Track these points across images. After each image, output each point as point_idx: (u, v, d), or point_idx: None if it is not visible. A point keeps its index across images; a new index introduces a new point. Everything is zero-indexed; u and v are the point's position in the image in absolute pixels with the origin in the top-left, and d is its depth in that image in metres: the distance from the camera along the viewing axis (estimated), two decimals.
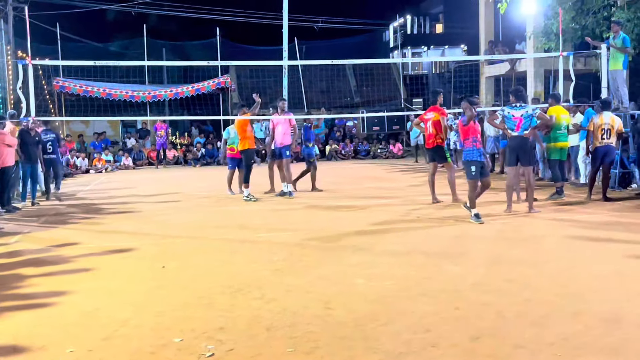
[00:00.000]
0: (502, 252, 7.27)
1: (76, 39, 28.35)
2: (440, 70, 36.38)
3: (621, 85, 12.98)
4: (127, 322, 4.97)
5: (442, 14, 42.13)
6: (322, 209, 11.23)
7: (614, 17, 15.06)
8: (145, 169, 23.30)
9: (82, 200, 13.58)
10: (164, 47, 29.57)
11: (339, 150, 25.78)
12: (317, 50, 29.79)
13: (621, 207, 10.41)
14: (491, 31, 24.87)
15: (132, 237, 8.88)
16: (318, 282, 6.04)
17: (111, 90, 24.26)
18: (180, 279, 6.38)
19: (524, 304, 5.21)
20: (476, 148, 9.25)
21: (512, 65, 21.99)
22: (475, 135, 9.25)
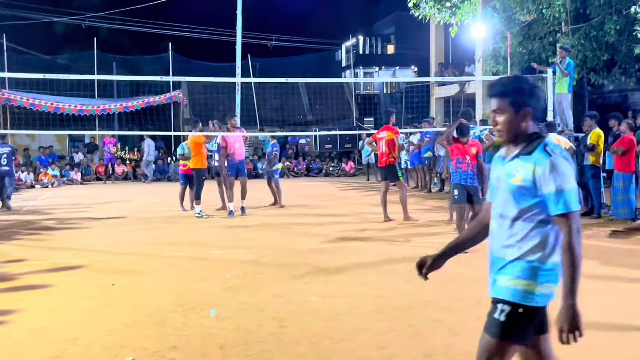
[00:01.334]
0: (452, 270, 7.37)
1: (23, 50, 27.73)
2: (391, 90, 36.91)
3: (566, 108, 13.41)
4: (77, 341, 4.85)
5: (394, 35, 42.81)
6: (275, 226, 11.21)
7: (560, 43, 15.60)
8: (93, 184, 22.86)
9: (28, 216, 13.22)
10: (114, 61, 29.19)
11: (292, 167, 25.82)
12: (270, 67, 29.86)
13: None
14: (441, 53, 25.44)
15: (80, 254, 8.68)
16: (272, 300, 6.02)
17: (59, 104, 23.76)
18: (130, 296, 6.27)
19: (476, 320, 5.30)
20: (461, 170, 8.69)
21: (462, 87, 22.50)
22: (460, 157, 8.71)
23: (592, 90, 20.87)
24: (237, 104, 23.31)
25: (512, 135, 2.89)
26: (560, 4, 15.18)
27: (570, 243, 2.70)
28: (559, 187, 2.70)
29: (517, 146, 2.87)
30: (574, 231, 2.70)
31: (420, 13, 18.02)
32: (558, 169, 2.71)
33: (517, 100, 2.85)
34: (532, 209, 2.79)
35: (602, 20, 15.81)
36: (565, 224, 2.71)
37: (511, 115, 2.86)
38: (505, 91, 2.88)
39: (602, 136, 11.61)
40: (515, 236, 2.82)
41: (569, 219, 2.70)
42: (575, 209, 2.71)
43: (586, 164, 11.79)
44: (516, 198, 2.81)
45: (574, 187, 2.74)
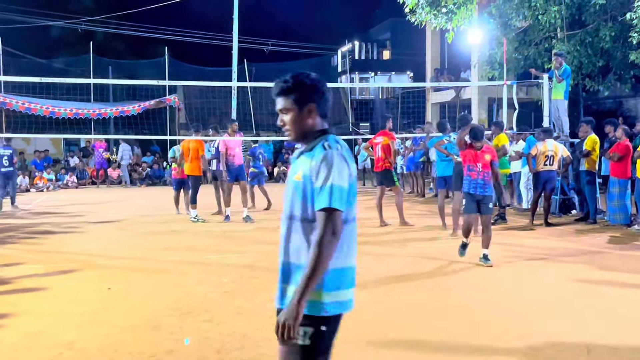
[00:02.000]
0: (449, 275, 7.40)
1: (20, 54, 27.69)
2: (387, 95, 36.99)
3: (562, 114, 13.46)
4: (73, 345, 4.84)
5: (390, 41, 42.97)
6: (271, 230, 11.17)
7: (555, 49, 15.66)
8: (89, 189, 22.80)
9: (23, 220, 13.18)
10: (110, 65, 29.17)
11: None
12: (266, 72, 29.85)
13: (562, 232, 10.74)
14: (437, 59, 25.51)
15: (76, 258, 8.65)
16: (268, 304, 6.00)
17: (55, 108, 23.68)
18: (126, 300, 6.25)
19: (473, 327, 5.31)
20: (470, 178, 8.03)
21: (457, 92, 22.57)
22: (471, 163, 8.03)
23: (587, 97, 20.95)
24: (233, 108, 23.29)
25: (299, 134, 2.78)
26: (555, 11, 15.25)
27: (320, 241, 2.51)
28: (325, 181, 2.56)
29: (306, 144, 2.77)
30: (328, 230, 2.51)
31: (416, 19, 18.06)
32: (329, 163, 2.58)
33: (300, 97, 2.74)
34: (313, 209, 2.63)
35: (597, 27, 15.89)
36: (323, 220, 2.53)
37: (296, 113, 2.76)
38: (288, 89, 2.75)
39: (598, 142, 11.66)
40: (306, 239, 2.66)
41: (326, 216, 2.53)
42: (336, 207, 2.53)
43: (582, 170, 11.83)
44: (300, 196, 2.67)
45: (342, 185, 2.57)
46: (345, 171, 2.62)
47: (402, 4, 17.82)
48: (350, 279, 2.72)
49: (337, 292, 2.64)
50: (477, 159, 8.00)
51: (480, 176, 7.97)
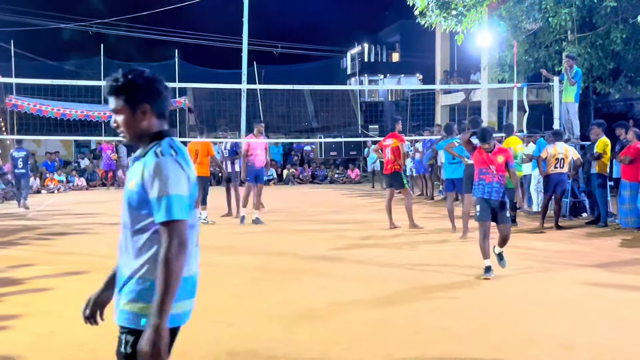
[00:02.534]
0: (459, 278, 7.38)
1: (31, 56, 27.88)
2: (396, 98, 36.97)
3: (573, 117, 13.40)
4: (84, 346, 4.86)
5: (399, 43, 42.95)
6: (281, 232, 11.22)
7: (566, 52, 15.60)
8: (99, 190, 22.91)
9: (34, 221, 13.26)
10: (121, 68, 29.18)
11: (297, 174, 25.84)
12: (276, 74, 29.96)
13: (572, 235, 10.70)
14: (447, 61, 25.49)
15: (86, 259, 8.70)
16: (279, 306, 6.03)
17: (66, 110, 23.83)
18: None
19: (482, 329, 5.30)
20: (484, 182, 7.40)
21: (467, 95, 22.53)
22: (484, 166, 7.43)
23: (597, 99, 20.85)
24: (242, 110, 23.31)
25: (134, 136, 2.60)
26: (566, 13, 15.19)
27: (167, 256, 2.37)
28: (161, 193, 2.40)
29: (142, 147, 2.60)
30: (174, 243, 2.38)
31: (426, 21, 18.03)
32: (162, 172, 2.42)
33: (132, 97, 2.55)
34: (146, 218, 2.49)
35: (608, 29, 15.82)
36: (166, 234, 2.39)
37: (128, 114, 2.56)
38: (119, 88, 2.55)
39: (609, 145, 11.60)
40: (134, 250, 2.54)
41: (169, 228, 2.39)
42: (178, 218, 2.40)
43: (593, 173, 11.78)
44: (132, 205, 2.53)
45: (180, 193, 2.44)
46: (183, 178, 2.48)
47: (411, 6, 17.79)
48: (188, 290, 2.58)
49: None
50: (489, 160, 7.44)
51: (495, 179, 7.34)
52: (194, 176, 2.59)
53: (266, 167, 12.77)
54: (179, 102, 25.27)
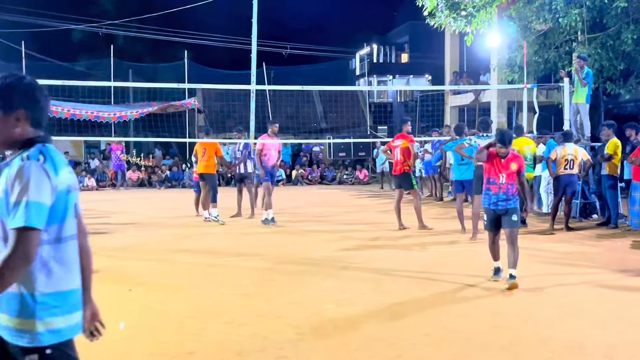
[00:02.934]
0: (469, 279, 7.36)
1: (41, 57, 28.05)
2: (405, 99, 36.93)
3: (584, 117, 13.34)
4: (94, 346, 4.87)
5: (408, 44, 42.89)
6: (290, 233, 11.23)
7: (576, 52, 15.53)
8: (108, 191, 23.00)
9: None
10: (130, 69, 29.45)
11: (305, 175, 25.85)
12: (285, 75, 30.02)
13: (582, 237, 10.65)
14: (456, 62, 25.43)
15: (95, 259, 8.61)
16: (288, 306, 6.03)
17: (75, 111, 23.93)
18: (147, 302, 6.30)
19: (492, 330, 5.28)
20: (491, 193, 7.05)
21: (477, 96, 22.46)
22: (493, 175, 7.06)
23: (607, 100, 20.76)
24: (251, 111, 23.36)
25: (4, 143, 2.45)
26: (576, 13, 15.13)
27: (7, 261, 2.20)
28: (20, 197, 2.25)
29: (12, 154, 2.45)
30: (19, 251, 2.21)
31: (435, 22, 18.01)
32: (24, 177, 2.28)
33: (6, 102, 2.41)
34: None
35: (618, 30, 15.74)
36: (14, 240, 2.22)
37: (1, 118, 2.41)
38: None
39: (620, 146, 11.54)
40: None
41: (18, 236, 2.22)
42: (31, 226, 2.23)
43: (603, 174, 11.73)
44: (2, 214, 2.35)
45: (40, 201, 2.28)
46: (45, 185, 2.31)
47: (420, 7, 17.78)
48: (71, 304, 2.47)
49: (52, 319, 2.36)
50: (501, 168, 7.01)
51: (502, 190, 6.98)
52: (66, 184, 2.44)
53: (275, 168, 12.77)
54: (189, 103, 25.33)
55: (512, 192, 6.99)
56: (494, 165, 7.07)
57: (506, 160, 7.01)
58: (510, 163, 7.02)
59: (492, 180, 7.08)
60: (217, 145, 12.73)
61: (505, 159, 7.02)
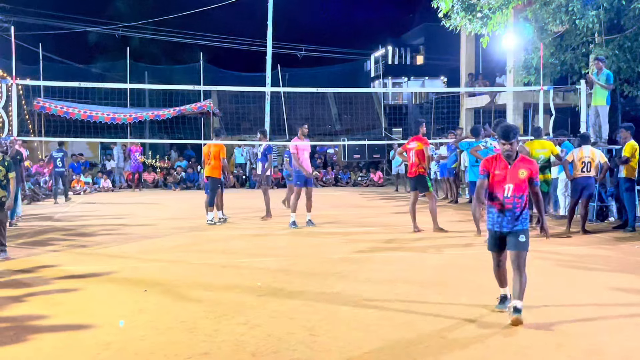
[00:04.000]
0: (484, 281, 7.31)
1: (58, 59, 28.30)
2: (420, 100, 36.82)
3: (603, 120, 13.22)
4: (110, 346, 4.91)
5: (423, 46, 42.78)
6: (304, 235, 11.23)
7: (593, 54, 15.39)
8: (124, 192, 23.13)
9: (61, 222, 13.42)
10: (146, 71, 29.60)
11: (320, 177, 25.85)
12: (299, 77, 30.02)
13: (599, 240, 10.55)
14: (472, 64, 25.30)
15: (112, 260, 8.79)
16: (302, 308, 6.03)
17: (92, 112, 24.12)
18: (162, 303, 6.32)
19: (508, 333, 5.24)
20: (494, 210, 5.72)
21: (492, 98, 22.34)
22: (495, 189, 5.71)
23: (625, 102, 20.56)
24: (266, 113, 23.48)
25: None
26: (593, 15, 15.00)
27: None
28: None
29: None
30: None
31: (451, 24, 17.94)
32: None
33: None
34: None
35: (636, 32, 15.57)
36: None
37: None
38: None
39: (638, 148, 11.42)
40: None
41: None
42: None
43: (620, 177, 11.61)
44: None
45: None
46: None
47: (436, 8, 17.72)
48: None
49: None
50: (506, 178, 5.63)
51: (508, 206, 5.61)
52: None
53: None
54: (204, 106, 25.43)
55: (521, 208, 5.65)
56: (498, 175, 5.70)
57: (513, 167, 5.65)
58: (518, 170, 5.65)
59: (495, 194, 5.69)
60: (222, 147, 12.81)
61: (513, 164, 5.66)
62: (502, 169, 5.70)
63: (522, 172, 5.64)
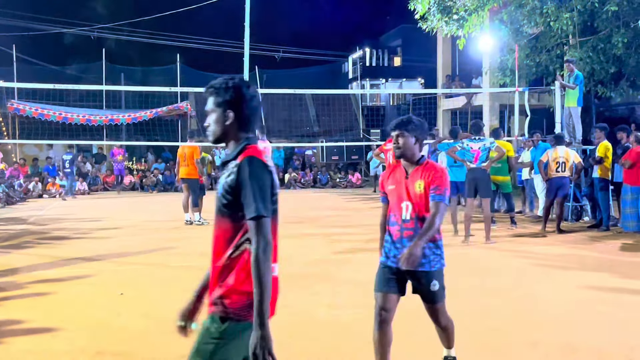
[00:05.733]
0: (462, 282, 7.36)
1: (32, 61, 27.95)
2: (397, 102, 36.97)
3: (576, 121, 13.39)
4: (86, 350, 4.86)
5: (400, 48, 42.98)
6: (283, 237, 11.14)
7: (567, 56, 15.60)
8: (101, 195, 22.90)
9: (36, 226, 13.26)
10: (122, 72, 29.36)
11: (298, 178, 25.83)
12: (277, 79, 29.99)
13: (574, 239, 10.68)
14: (448, 65, 25.50)
15: (87, 263, 8.69)
16: (280, 310, 5.94)
17: (67, 114, 23.85)
18: (139, 306, 6.27)
19: (484, 333, 5.28)
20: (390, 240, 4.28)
21: (469, 99, 22.53)
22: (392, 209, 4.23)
23: (599, 103, 20.86)
24: None
25: None
26: (567, 17, 15.21)
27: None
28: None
29: None
30: None
31: (427, 26, 18.07)
32: None
33: None
34: None
35: (609, 33, 15.83)
36: None
37: None
38: None
39: (611, 149, 11.59)
40: None
41: None
42: None
43: (595, 177, 11.78)
44: None
45: None
46: None
47: (413, 10, 17.83)
48: None
49: None
50: (401, 193, 4.11)
51: (407, 233, 4.10)
52: None
53: None
54: (182, 107, 25.28)
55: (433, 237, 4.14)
56: (388, 190, 4.23)
57: (410, 177, 4.10)
58: (415, 182, 4.08)
59: (392, 217, 4.21)
60: (195, 149, 12.82)
61: (410, 174, 4.10)
62: (396, 181, 4.16)
63: (419, 183, 4.04)
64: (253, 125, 2.79)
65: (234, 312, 2.59)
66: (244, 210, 2.57)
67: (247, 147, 2.69)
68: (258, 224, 2.55)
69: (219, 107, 2.75)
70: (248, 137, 2.76)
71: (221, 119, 2.74)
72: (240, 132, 2.75)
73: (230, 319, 2.59)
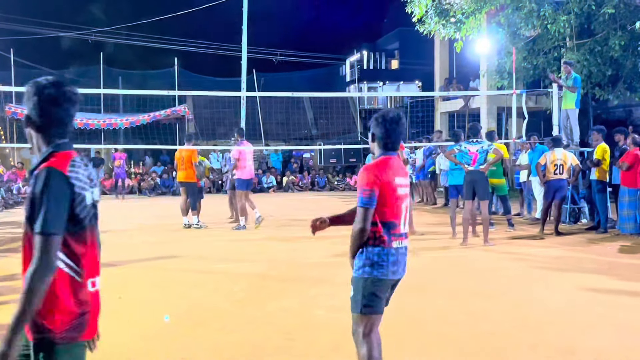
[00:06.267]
0: (460, 284, 7.38)
1: (30, 65, 27.93)
2: (395, 105, 36.98)
3: (574, 123, 13.41)
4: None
5: (398, 50, 43.01)
6: (281, 239, 11.21)
7: (564, 58, 15.63)
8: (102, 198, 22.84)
9: None
10: (120, 76, 29.36)
11: (296, 181, 25.84)
12: (275, 82, 30.02)
13: (572, 242, 10.70)
14: (446, 68, 25.54)
15: None
16: (279, 313, 6.02)
17: None
18: (137, 310, 6.27)
19: (483, 336, 5.29)
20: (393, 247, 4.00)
21: (466, 102, 22.56)
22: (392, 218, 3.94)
23: (596, 106, 20.90)
24: (242, 118, 23.37)
25: None
26: (564, 20, 15.25)
27: None
28: None
29: None
30: None
31: (425, 29, 18.10)
32: None
33: None
34: None
35: (606, 36, 15.87)
36: None
37: None
38: None
39: (608, 151, 11.61)
40: None
41: None
42: None
43: (592, 179, 11.80)
44: None
45: None
46: None
47: (410, 13, 17.87)
48: None
49: None
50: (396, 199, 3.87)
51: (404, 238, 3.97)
52: None
53: None
54: (180, 110, 25.28)
55: None
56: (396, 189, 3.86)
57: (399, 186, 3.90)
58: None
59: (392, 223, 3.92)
60: (193, 152, 12.81)
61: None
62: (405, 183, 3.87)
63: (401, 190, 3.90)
64: (59, 129, 2.54)
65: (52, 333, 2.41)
66: None
67: (52, 155, 2.47)
68: (42, 240, 2.38)
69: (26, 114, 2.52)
70: (57, 143, 2.51)
71: (25, 126, 2.55)
72: (44, 138, 2.51)
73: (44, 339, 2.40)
